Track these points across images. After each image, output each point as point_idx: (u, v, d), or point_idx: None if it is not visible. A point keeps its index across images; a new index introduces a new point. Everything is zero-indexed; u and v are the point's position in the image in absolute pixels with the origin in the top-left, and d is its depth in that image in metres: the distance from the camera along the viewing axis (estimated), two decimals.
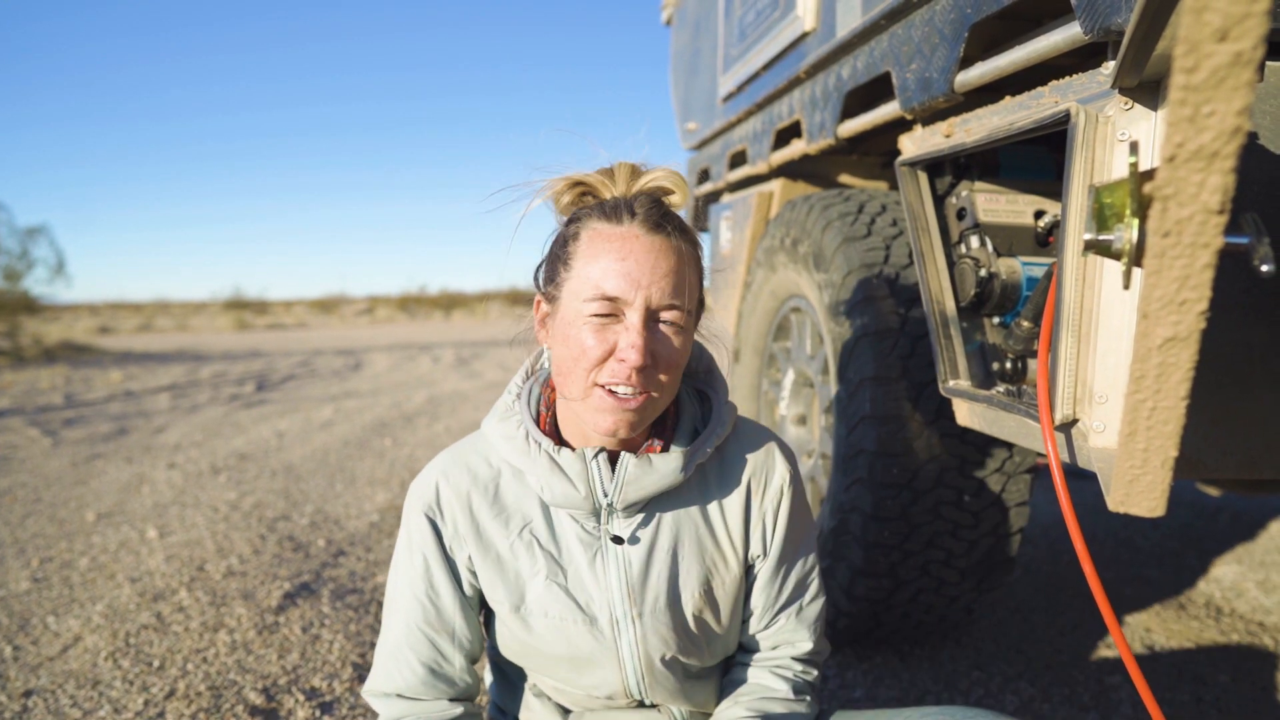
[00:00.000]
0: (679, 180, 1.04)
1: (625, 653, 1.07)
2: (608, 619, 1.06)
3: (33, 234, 13.53)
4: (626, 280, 0.95)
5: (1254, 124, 1.04)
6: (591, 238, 0.98)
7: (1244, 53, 0.53)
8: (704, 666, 1.15)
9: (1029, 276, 1.42)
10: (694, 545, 1.08)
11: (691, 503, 1.09)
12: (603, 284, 0.95)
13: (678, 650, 1.08)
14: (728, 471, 1.12)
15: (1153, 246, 0.62)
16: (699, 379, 1.16)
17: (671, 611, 1.06)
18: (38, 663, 2.20)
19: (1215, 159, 0.57)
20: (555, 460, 1.02)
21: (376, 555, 3.05)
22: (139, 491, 4.07)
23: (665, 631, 1.06)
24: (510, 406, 1.09)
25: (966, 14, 1.41)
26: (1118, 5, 1.05)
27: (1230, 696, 1.99)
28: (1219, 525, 3.32)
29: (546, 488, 1.03)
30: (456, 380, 8.96)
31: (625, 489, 1.02)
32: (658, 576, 1.06)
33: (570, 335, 0.97)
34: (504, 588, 1.07)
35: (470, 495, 1.07)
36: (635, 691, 1.10)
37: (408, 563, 1.10)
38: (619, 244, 0.96)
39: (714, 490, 1.11)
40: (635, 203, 0.99)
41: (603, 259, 0.96)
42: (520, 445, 1.04)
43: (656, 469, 1.03)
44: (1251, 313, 1.09)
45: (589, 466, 1.02)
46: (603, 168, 1.06)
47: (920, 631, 2.12)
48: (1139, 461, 0.76)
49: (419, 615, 1.08)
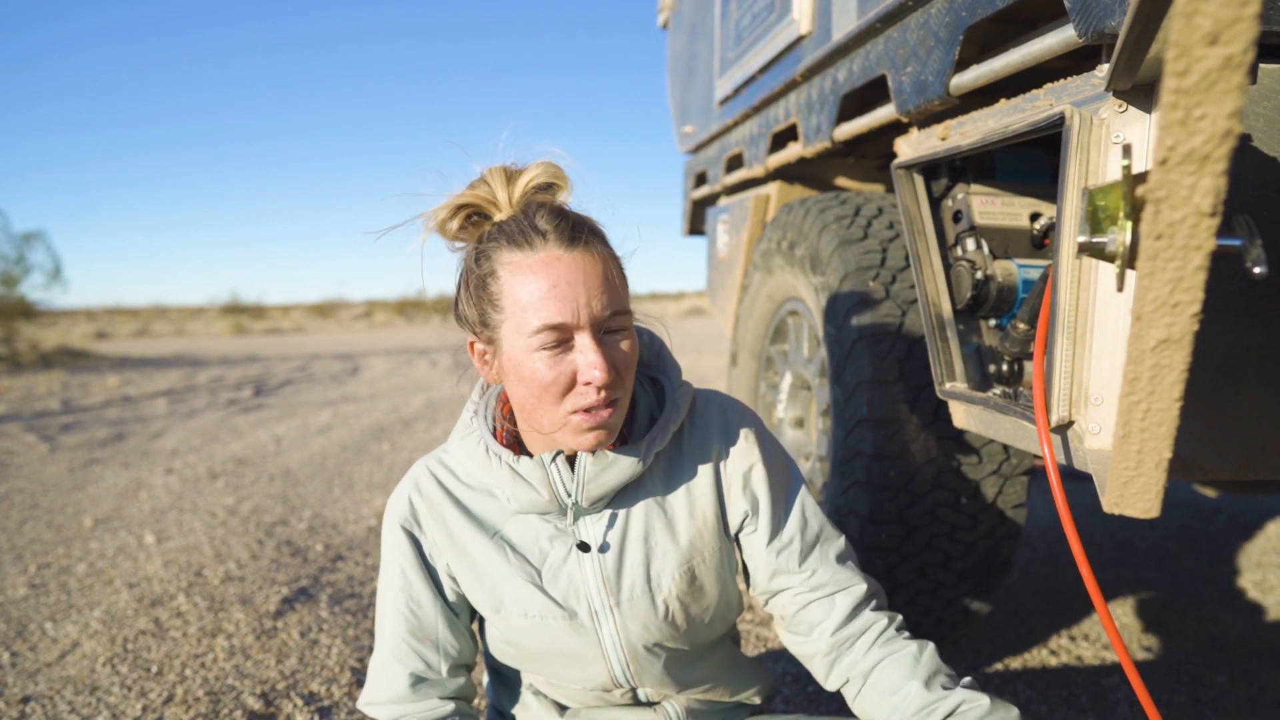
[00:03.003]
0: (557, 171, 1.02)
1: (608, 643, 1.08)
2: (587, 612, 1.07)
3: (29, 239, 13.49)
4: (565, 305, 0.93)
5: (1247, 126, 1.05)
6: (513, 272, 0.95)
7: (1234, 56, 0.54)
8: (692, 650, 1.14)
9: (1025, 279, 1.43)
10: (667, 529, 1.09)
11: (660, 487, 1.10)
12: (544, 317, 0.93)
13: (661, 636, 1.09)
14: (691, 447, 1.12)
15: (1146, 249, 0.63)
16: (650, 367, 1.16)
17: (650, 598, 1.07)
18: (35, 669, 2.19)
19: (1207, 162, 0.57)
20: (515, 470, 1.04)
21: (375, 560, 3.05)
22: (136, 497, 4.06)
23: (645, 618, 1.07)
24: (469, 424, 1.11)
25: (961, 17, 1.42)
26: (1111, 9, 1.05)
27: (1227, 698, 1.99)
28: (1216, 526, 3.33)
29: (512, 497, 1.05)
30: (454, 384, 8.95)
31: (586, 487, 1.04)
32: (633, 565, 1.07)
33: (525, 374, 0.96)
34: (483, 592, 1.09)
35: (442, 506, 1.10)
36: (623, 680, 1.11)
37: (389, 577, 1.12)
38: (544, 271, 0.94)
39: (681, 469, 1.11)
40: (537, 219, 0.96)
41: (533, 291, 0.94)
42: (482, 460, 1.06)
43: (615, 463, 1.04)
44: (1245, 314, 1.09)
45: (548, 471, 1.04)
46: (474, 180, 1.02)
47: (918, 633, 2.12)
48: (1133, 463, 0.76)
49: (403, 627, 1.10)
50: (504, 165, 1.02)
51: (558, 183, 1.03)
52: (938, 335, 1.49)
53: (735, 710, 1.26)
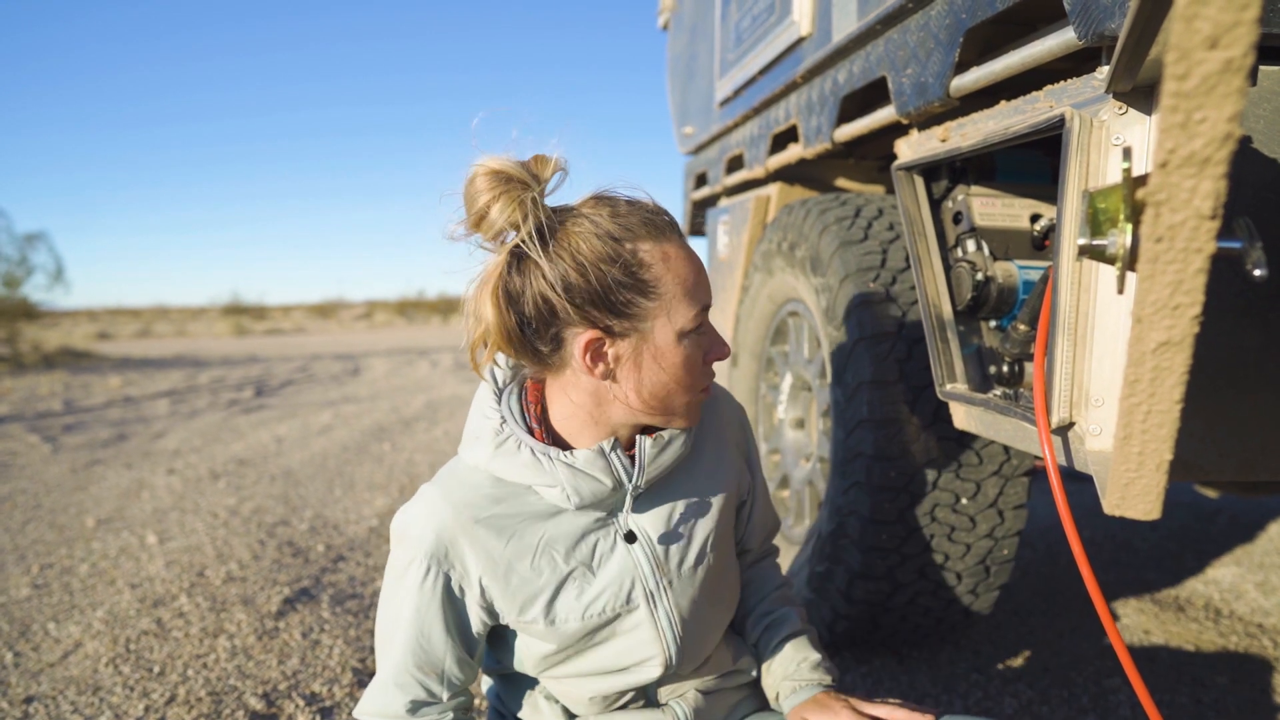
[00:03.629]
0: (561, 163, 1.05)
1: (664, 623, 1.10)
2: (643, 594, 1.09)
3: (31, 240, 13.51)
4: (706, 288, 1.05)
5: (1248, 128, 1.05)
6: (664, 258, 1.01)
7: (1234, 60, 0.54)
8: (724, 622, 1.22)
9: (1025, 280, 1.43)
10: (700, 505, 1.15)
11: (690, 466, 1.16)
12: (703, 299, 1.03)
13: (706, 605, 1.14)
14: (713, 430, 1.22)
15: (1146, 252, 0.63)
16: None
17: (694, 572, 1.13)
18: (38, 669, 2.20)
19: (1207, 165, 0.58)
20: (573, 466, 1.03)
21: (376, 560, 3.05)
22: (139, 497, 4.07)
23: (694, 592, 1.12)
24: (500, 430, 1.05)
25: (961, 19, 1.42)
26: (1111, 11, 1.05)
27: (1229, 699, 1.99)
28: (1217, 527, 3.33)
29: (574, 492, 1.03)
30: (455, 385, 8.96)
31: (648, 469, 1.07)
32: (680, 543, 1.12)
33: (677, 359, 1.03)
34: (533, 608, 1.06)
35: (475, 531, 1.04)
36: (674, 660, 1.11)
37: (400, 607, 1.06)
38: (688, 258, 1.04)
39: (706, 451, 1.20)
40: (658, 215, 1.04)
41: (688, 276, 1.02)
42: (530, 463, 1.03)
43: (671, 443, 1.09)
44: (1246, 316, 1.09)
45: (609, 459, 1.05)
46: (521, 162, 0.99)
47: (918, 634, 2.12)
48: (1134, 465, 0.77)
49: (410, 660, 1.06)
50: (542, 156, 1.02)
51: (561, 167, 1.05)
52: (938, 336, 1.49)
53: (736, 693, 1.26)
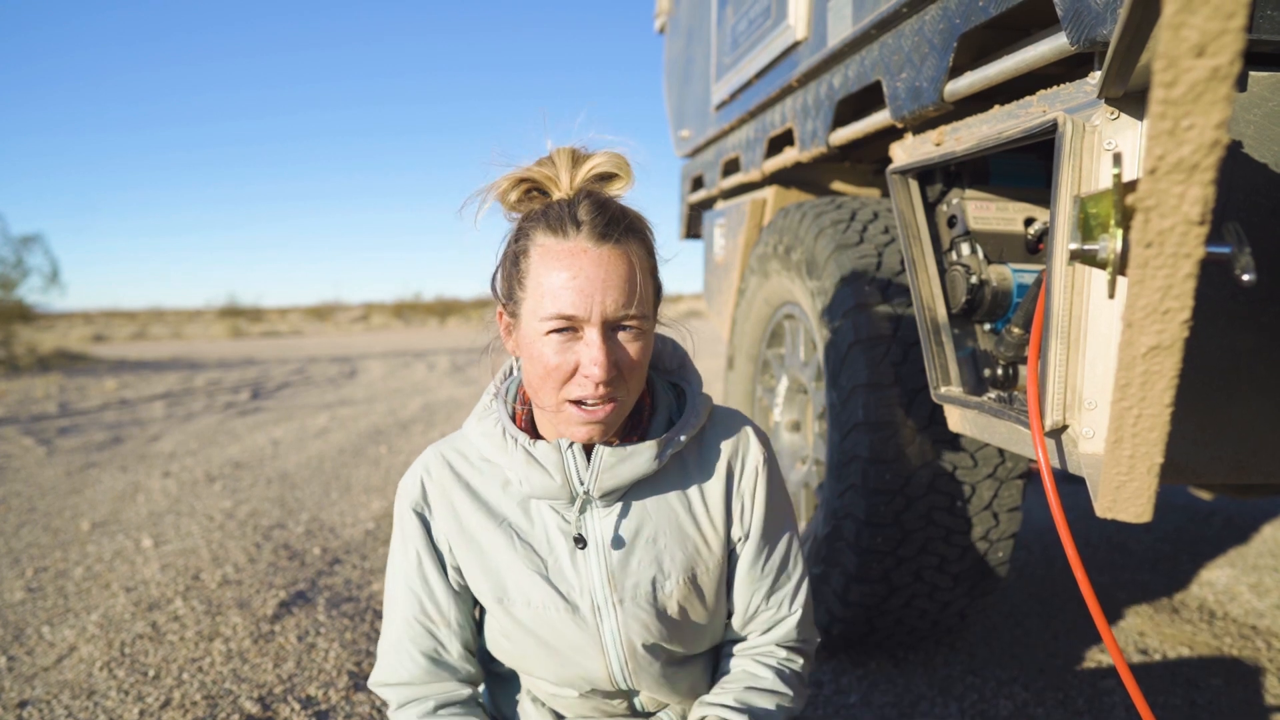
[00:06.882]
0: (622, 163, 1.04)
1: (608, 639, 1.09)
2: (589, 606, 1.08)
3: (27, 242, 13.47)
4: (580, 297, 0.96)
5: (1238, 133, 1.05)
6: (541, 256, 0.98)
7: (1221, 68, 0.55)
8: (688, 654, 1.17)
9: (1019, 283, 1.43)
10: (676, 533, 1.10)
11: (672, 491, 1.12)
12: (558, 305, 0.96)
13: (660, 637, 1.10)
14: (706, 459, 1.14)
15: (1136, 257, 0.63)
16: (674, 374, 1.19)
17: (653, 598, 1.09)
18: (33, 673, 2.19)
19: (1195, 171, 0.58)
20: (530, 453, 1.05)
21: (372, 563, 3.05)
22: (134, 500, 4.06)
23: (646, 618, 1.09)
24: (488, 405, 1.12)
25: (955, 24, 1.43)
26: (1103, 17, 1.06)
27: (1223, 700, 1.99)
28: (1212, 529, 3.34)
29: (524, 480, 1.06)
30: (452, 387, 8.95)
31: (601, 477, 1.05)
32: (638, 564, 1.08)
33: (534, 353, 0.99)
34: (486, 580, 1.10)
35: (452, 491, 1.11)
36: (620, 680, 1.12)
37: (402, 558, 1.13)
38: (568, 261, 0.96)
39: (694, 477, 1.13)
40: (579, 210, 0.98)
41: (555, 278, 0.96)
42: (498, 441, 1.08)
43: (631, 458, 1.05)
44: (1236, 320, 1.10)
45: (564, 456, 1.05)
46: (542, 157, 1.04)
47: (914, 637, 2.13)
48: (1125, 468, 0.77)
49: (415, 608, 1.12)
50: (572, 147, 1.04)
51: (619, 174, 1.04)
52: (933, 339, 1.50)
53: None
